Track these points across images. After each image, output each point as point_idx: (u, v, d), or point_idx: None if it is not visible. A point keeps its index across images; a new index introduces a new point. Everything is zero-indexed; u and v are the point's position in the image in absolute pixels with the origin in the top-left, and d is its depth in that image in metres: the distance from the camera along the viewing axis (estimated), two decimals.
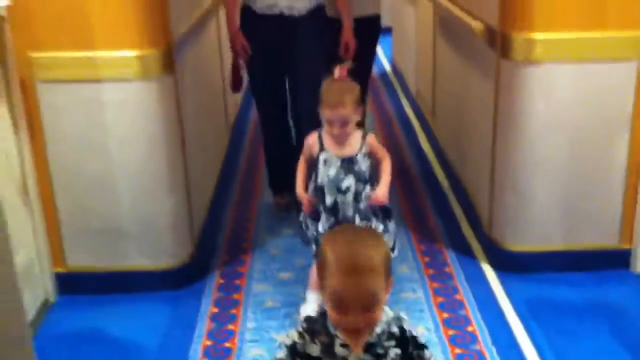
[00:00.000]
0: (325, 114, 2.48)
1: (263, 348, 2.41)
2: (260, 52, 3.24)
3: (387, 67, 6.42)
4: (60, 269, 2.76)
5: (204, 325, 2.57)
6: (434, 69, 4.30)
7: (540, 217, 2.80)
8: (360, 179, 2.51)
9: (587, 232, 2.81)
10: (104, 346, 2.50)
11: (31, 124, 2.56)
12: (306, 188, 2.58)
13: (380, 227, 2.51)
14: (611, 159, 2.75)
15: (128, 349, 2.48)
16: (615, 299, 2.66)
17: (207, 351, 2.42)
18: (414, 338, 1.43)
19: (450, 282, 2.81)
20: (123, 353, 2.45)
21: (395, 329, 1.42)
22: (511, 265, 2.85)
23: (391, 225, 2.56)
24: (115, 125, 2.59)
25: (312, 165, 2.58)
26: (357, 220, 2.50)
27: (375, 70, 6.39)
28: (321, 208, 2.53)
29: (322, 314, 1.41)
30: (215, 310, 2.67)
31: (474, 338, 2.44)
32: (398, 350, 1.41)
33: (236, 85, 3.51)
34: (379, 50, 7.15)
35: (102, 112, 2.57)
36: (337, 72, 2.52)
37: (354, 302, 1.31)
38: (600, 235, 2.81)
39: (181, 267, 2.80)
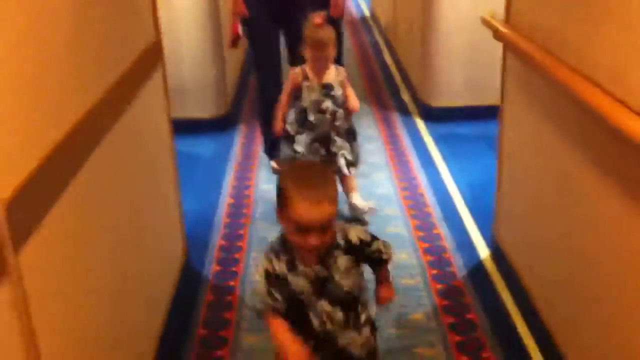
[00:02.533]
0: (310, 53, 3.01)
1: None
2: (260, 13, 3.64)
3: (367, 13, 7.97)
4: None
5: (237, 146, 4.17)
6: (395, 5, 5.85)
7: (450, 85, 4.37)
8: (336, 102, 3.10)
9: (480, 93, 4.36)
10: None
11: None
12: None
13: (347, 146, 3.14)
14: (495, 46, 4.28)
15: (192, 158, 4.01)
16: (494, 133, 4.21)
17: (241, 159, 3.99)
18: (362, 242, 1.71)
19: (394, 130, 4.40)
20: (190, 160, 3.95)
21: (341, 241, 1.68)
22: (432, 116, 4.43)
23: (355, 144, 3.20)
24: (184, 24, 4.14)
25: (295, 96, 3.12)
26: (333, 134, 3.11)
27: (357, 15, 7.97)
28: (300, 129, 3.11)
29: (281, 238, 1.69)
30: (244, 140, 4.26)
31: (404, 153, 4.03)
32: (346, 258, 1.67)
33: (234, 42, 3.88)
34: (361, 0, 8.71)
35: (175, 14, 4.10)
36: (317, 19, 3.01)
37: (316, 226, 1.54)
38: (489, 96, 4.36)
39: (220, 117, 4.39)
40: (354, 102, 3.15)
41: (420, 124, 4.46)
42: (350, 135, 3.20)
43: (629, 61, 1.60)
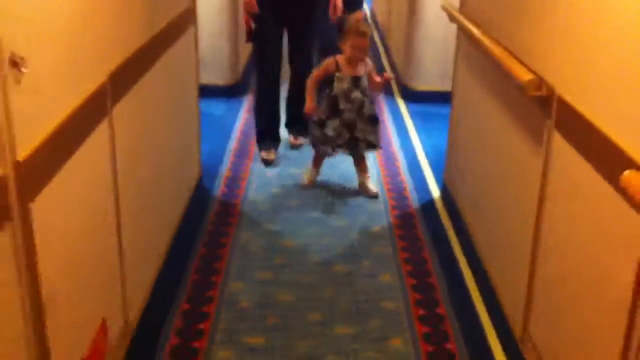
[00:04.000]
0: (353, 42, 3.34)
1: None
2: (269, 13, 3.92)
3: (369, 13, 8.76)
4: None
5: (244, 108, 4.94)
6: (390, 5, 6.64)
7: (428, 70, 5.14)
8: (363, 92, 3.48)
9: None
10: None
11: None
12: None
13: (370, 129, 3.50)
14: None
15: (207, 116, 4.77)
16: None
17: (247, 118, 4.77)
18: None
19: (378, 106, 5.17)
20: (205, 117, 4.73)
21: None
22: (411, 97, 5.21)
23: (377, 128, 3.56)
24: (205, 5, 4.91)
25: (325, 82, 3.47)
26: (357, 121, 3.46)
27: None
28: (330, 114, 3.47)
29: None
30: (250, 105, 5.03)
31: (384, 124, 4.80)
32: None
33: (249, 36, 4.07)
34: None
35: None
36: (359, 14, 3.74)
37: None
38: None
39: (233, 84, 5.16)
40: (378, 77, 3.57)
41: (401, 102, 5.24)
42: (374, 120, 3.57)
43: (539, 39, 2.28)
